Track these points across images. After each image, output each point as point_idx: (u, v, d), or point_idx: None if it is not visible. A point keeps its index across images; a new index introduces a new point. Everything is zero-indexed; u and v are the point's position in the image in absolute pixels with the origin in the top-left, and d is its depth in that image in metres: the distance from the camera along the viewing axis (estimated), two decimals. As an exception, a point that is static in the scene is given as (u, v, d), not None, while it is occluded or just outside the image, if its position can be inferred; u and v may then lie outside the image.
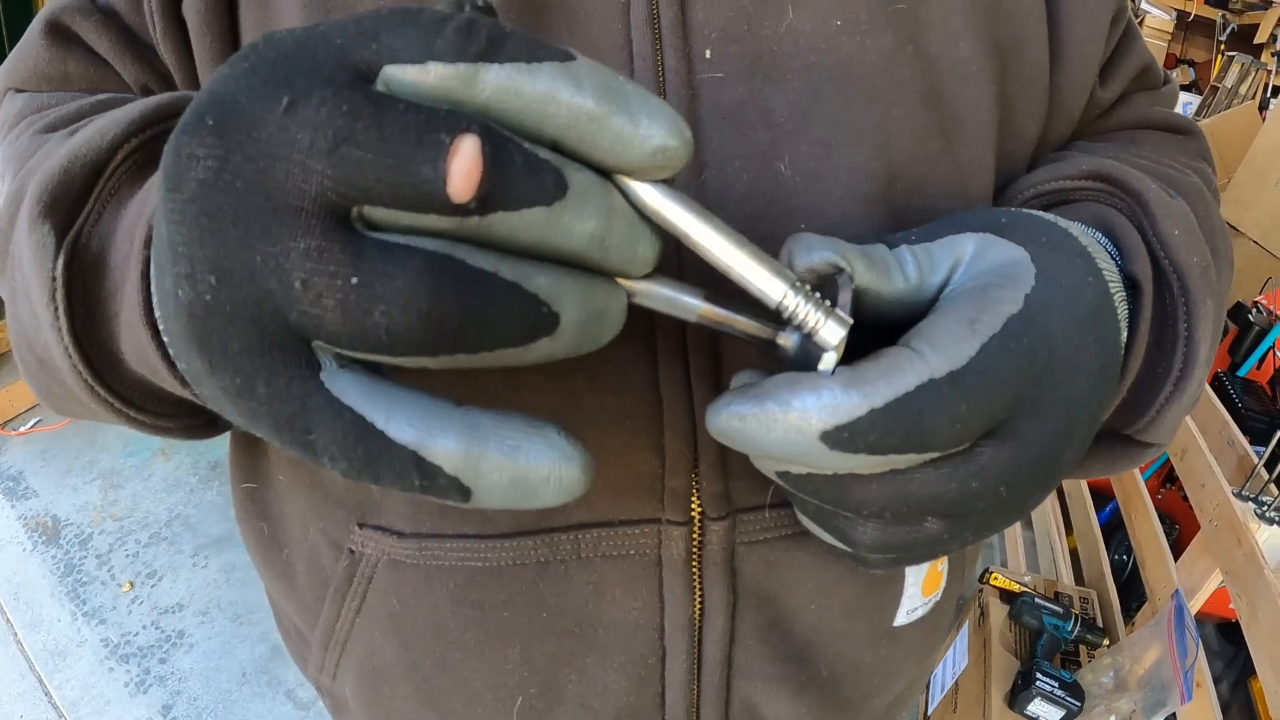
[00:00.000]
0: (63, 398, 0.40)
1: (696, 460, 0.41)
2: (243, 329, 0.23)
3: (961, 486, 0.29)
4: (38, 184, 0.33)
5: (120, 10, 0.46)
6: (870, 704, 0.53)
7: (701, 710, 0.47)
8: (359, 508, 0.45)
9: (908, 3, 0.41)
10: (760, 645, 0.46)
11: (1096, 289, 0.32)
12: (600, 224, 0.24)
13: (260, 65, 0.23)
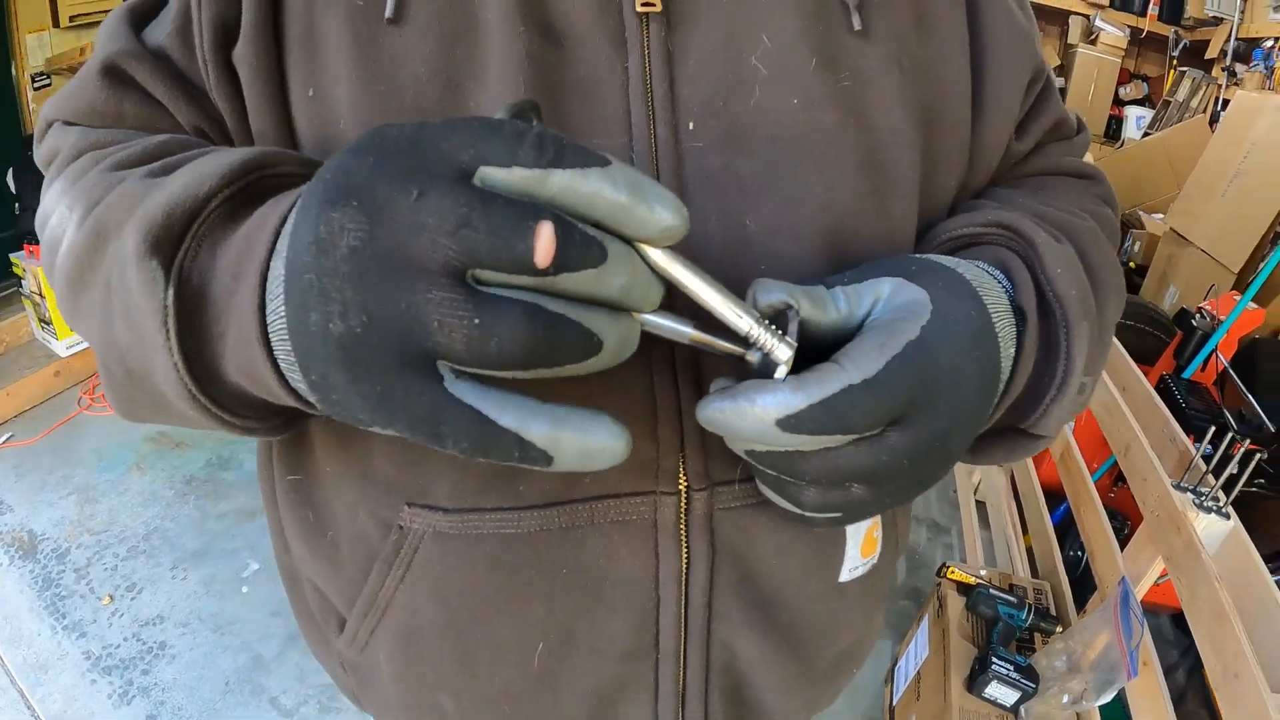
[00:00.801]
0: (144, 403, 0.47)
1: (683, 444, 0.52)
2: (386, 353, 0.32)
3: (873, 459, 0.40)
4: (141, 225, 0.40)
5: (174, 56, 0.52)
6: (823, 652, 0.63)
7: (688, 649, 0.57)
8: (407, 490, 0.53)
9: (852, 80, 0.52)
10: (734, 595, 0.56)
11: (980, 321, 0.44)
12: (628, 279, 0.34)
13: (386, 159, 0.33)
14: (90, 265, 0.45)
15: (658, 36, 0.50)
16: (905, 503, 0.53)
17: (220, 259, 0.40)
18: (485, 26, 0.49)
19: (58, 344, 3.40)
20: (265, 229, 0.38)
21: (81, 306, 0.47)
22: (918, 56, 0.55)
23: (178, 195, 0.40)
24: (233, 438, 2.88)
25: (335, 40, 0.49)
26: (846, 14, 0.52)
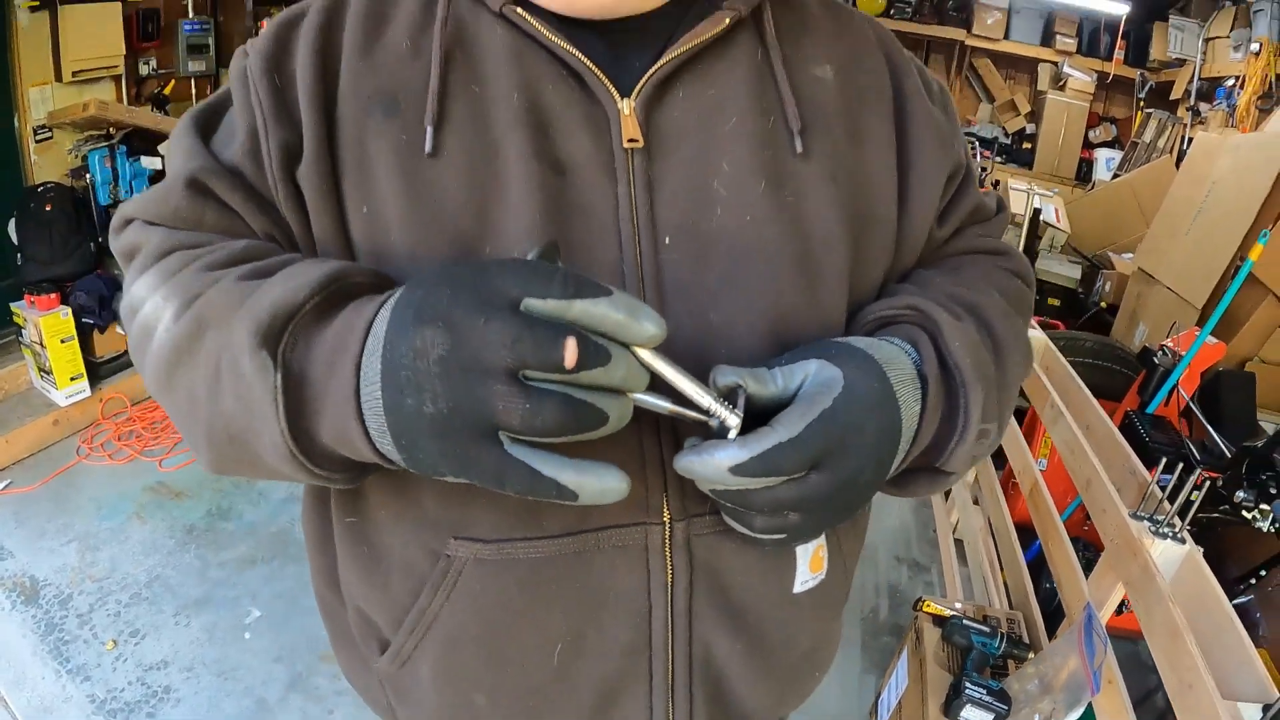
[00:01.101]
0: (239, 461, 0.59)
1: (666, 486, 0.65)
2: (465, 428, 0.47)
3: (800, 494, 0.55)
4: (250, 322, 0.51)
5: (246, 173, 0.63)
6: (785, 652, 0.75)
7: (674, 646, 0.69)
8: (453, 526, 0.65)
9: (794, 197, 0.65)
10: (708, 602, 0.69)
11: (881, 392, 0.57)
12: (624, 372, 0.48)
13: (459, 293, 0.47)
14: (189, 349, 0.56)
15: (641, 167, 0.63)
16: (834, 526, 0.68)
17: (315, 350, 0.52)
18: (505, 161, 0.61)
19: (57, 393, 3.44)
20: (355, 331, 0.51)
21: (176, 381, 0.58)
22: (851, 168, 0.68)
23: (279, 300, 0.52)
24: (232, 490, 3.00)
25: (384, 167, 0.61)
26: (791, 140, 0.66)
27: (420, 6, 0.66)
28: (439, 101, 0.62)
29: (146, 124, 3.97)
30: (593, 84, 0.63)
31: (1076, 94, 7.90)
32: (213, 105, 0.70)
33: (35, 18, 3.74)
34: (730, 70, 0.67)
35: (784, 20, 0.71)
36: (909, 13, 8.29)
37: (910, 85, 0.74)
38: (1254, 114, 5.26)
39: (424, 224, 0.61)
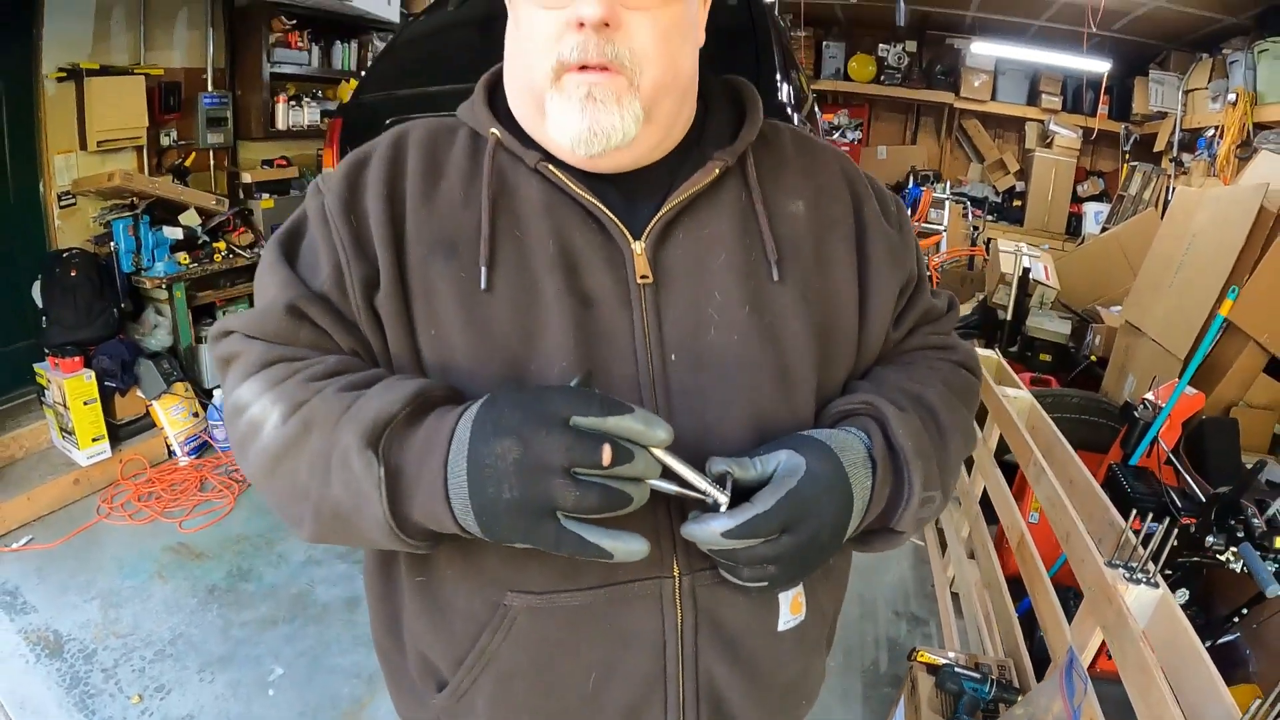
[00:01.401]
0: (338, 532, 0.74)
1: (675, 549, 0.80)
2: (533, 510, 0.63)
3: (774, 551, 0.71)
4: (356, 427, 0.67)
5: (334, 300, 0.79)
6: (773, 680, 0.89)
7: (684, 675, 0.83)
8: (510, 581, 0.80)
9: (772, 318, 0.82)
10: (710, 639, 0.83)
11: (836, 473, 0.74)
12: (643, 466, 0.65)
13: (527, 413, 0.64)
14: (296, 445, 0.72)
15: (650, 299, 0.80)
16: (804, 576, 0.81)
17: (408, 450, 0.69)
18: (544, 297, 0.78)
19: (78, 453, 3.55)
20: (440, 435, 0.68)
21: (280, 469, 0.74)
22: (819, 288, 0.85)
23: (379, 410, 0.69)
24: (251, 553, 3.13)
25: (447, 299, 0.77)
26: (769, 270, 0.83)
27: (467, 159, 0.84)
28: (490, 246, 0.79)
29: (169, 195, 4.12)
30: (611, 229, 0.80)
31: (1063, 150, 8.12)
32: (291, 231, 0.85)
33: (62, 87, 3.92)
34: (720, 212, 0.84)
35: (763, 161, 0.88)
36: (898, 78, 8.58)
37: (869, 211, 0.91)
38: (1234, 162, 5.43)
39: (481, 346, 0.77)
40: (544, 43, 0.75)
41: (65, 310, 3.67)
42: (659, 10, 0.75)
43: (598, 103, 0.74)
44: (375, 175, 0.82)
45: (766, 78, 2.65)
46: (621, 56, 0.74)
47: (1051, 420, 2.39)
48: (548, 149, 0.81)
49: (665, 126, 0.81)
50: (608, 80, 0.74)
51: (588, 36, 0.73)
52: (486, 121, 0.85)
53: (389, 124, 2.82)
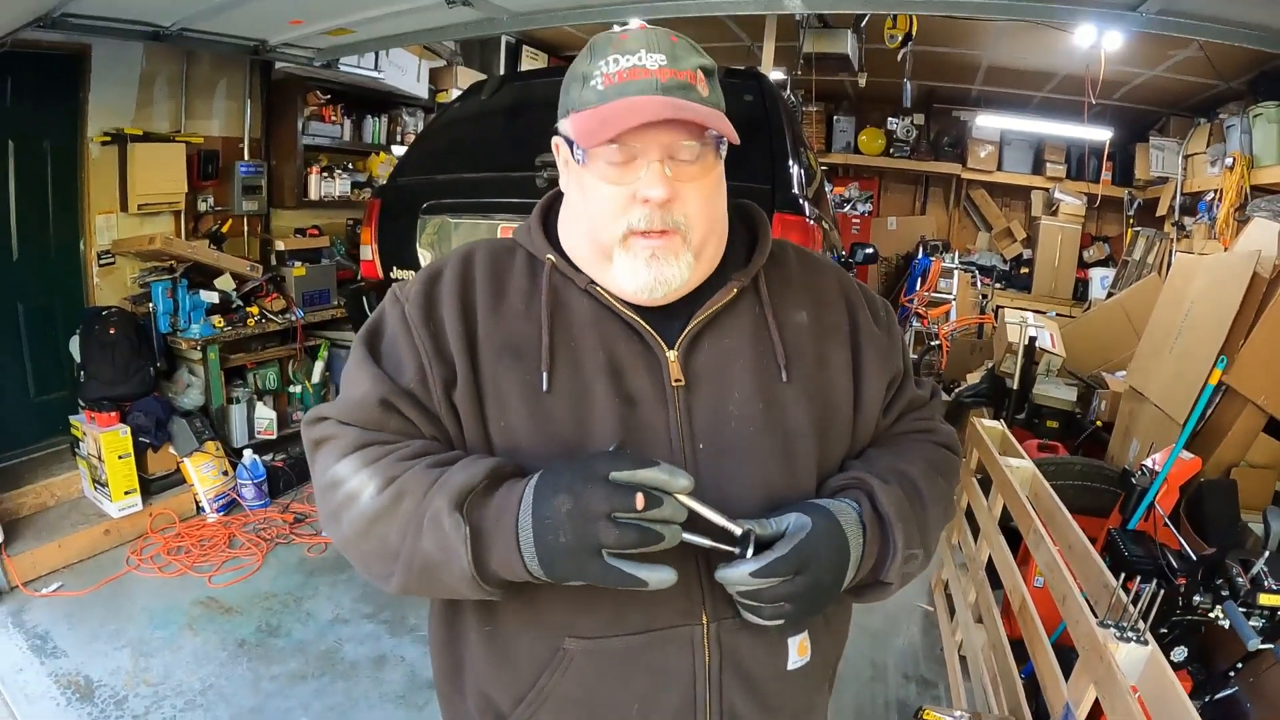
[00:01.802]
0: (423, 583, 0.89)
1: (704, 601, 0.96)
2: (584, 550, 0.81)
3: (790, 589, 0.88)
4: (446, 495, 0.84)
5: (419, 396, 0.96)
6: (782, 712, 1.04)
7: (710, 706, 0.98)
8: (568, 629, 0.96)
9: (780, 412, 0.98)
10: (732, 676, 0.99)
11: (836, 531, 0.91)
12: (672, 509, 0.83)
13: (575, 475, 0.83)
14: (390, 511, 0.88)
15: (682, 398, 0.97)
16: (813, 614, 0.97)
17: (486, 513, 0.86)
18: (594, 397, 0.95)
19: (110, 505, 3.67)
20: (511, 502, 0.85)
21: (374, 531, 0.89)
22: (820, 385, 1.02)
23: (463, 480, 0.86)
24: (280, 610, 3.23)
25: (514, 398, 0.94)
26: (779, 371, 1.00)
27: (526, 278, 1.02)
28: (550, 354, 0.95)
29: (206, 260, 4.32)
30: (649, 340, 0.98)
31: (1069, 217, 8.25)
32: (372, 331, 1.02)
33: (105, 151, 4.14)
34: (738, 324, 1.01)
35: (772, 277, 1.05)
36: (907, 150, 8.78)
37: (862, 318, 1.08)
38: (1233, 225, 5.48)
39: (543, 437, 0.94)
40: (613, 212, 0.93)
41: (103, 366, 3.82)
42: (702, 180, 0.92)
43: (660, 260, 0.93)
44: (448, 289, 0.99)
45: (780, 163, 2.84)
46: (679, 222, 0.93)
47: (1055, 487, 2.49)
48: (602, 283, 0.98)
49: (708, 264, 1.00)
50: (667, 241, 0.93)
51: (653, 211, 0.91)
52: (543, 248, 1.02)
53: (425, 208, 3.05)
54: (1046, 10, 3.27)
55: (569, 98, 0.95)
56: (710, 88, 0.93)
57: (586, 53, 0.95)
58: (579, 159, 0.94)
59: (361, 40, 4.49)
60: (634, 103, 0.88)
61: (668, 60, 0.90)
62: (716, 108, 0.93)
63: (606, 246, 0.95)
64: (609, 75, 0.91)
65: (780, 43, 4.92)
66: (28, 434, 4.02)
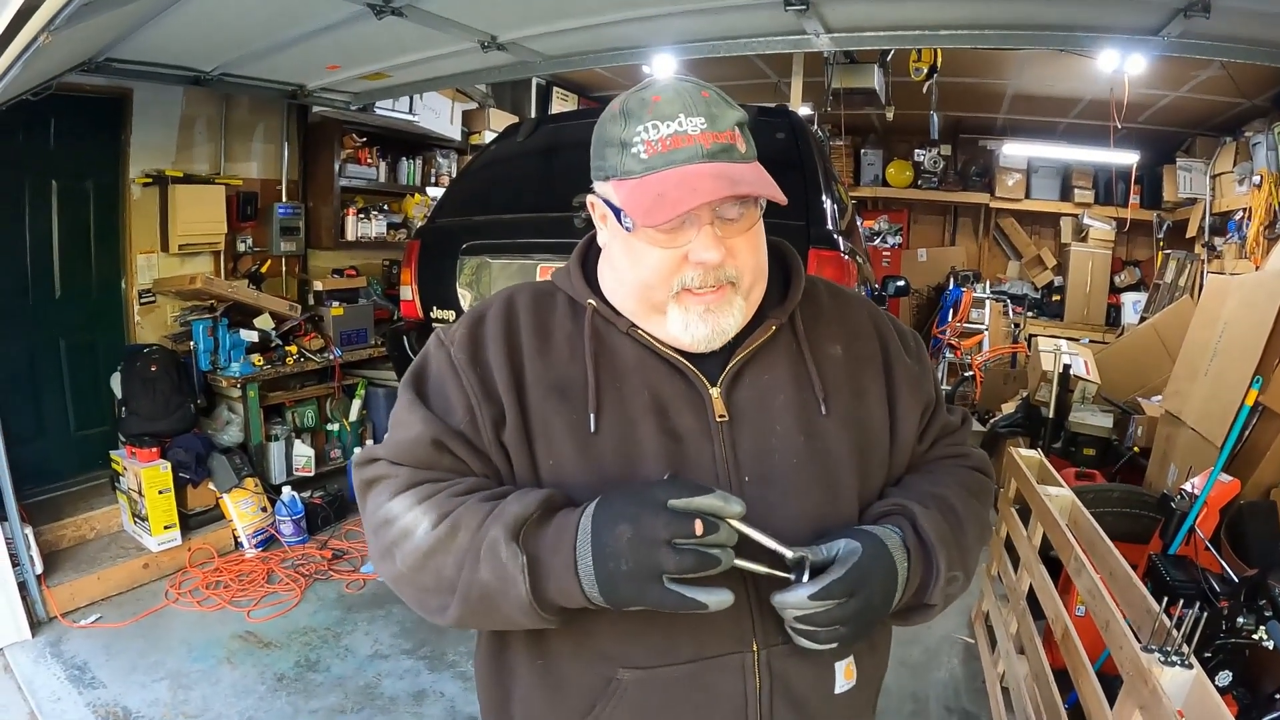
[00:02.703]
0: (480, 615, 0.91)
1: (754, 630, 0.98)
2: (645, 576, 0.83)
3: (844, 611, 0.90)
4: (502, 526, 0.86)
5: (468, 435, 0.98)
6: None
7: None
8: (621, 659, 0.98)
9: (821, 443, 1.01)
10: (782, 700, 1.00)
11: (885, 554, 0.94)
12: (725, 534, 0.85)
13: (634, 503, 0.85)
14: (445, 544, 0.90)
15: (727, 433, 0.99)
16: (865, 636, 0.98)
17: (542, 542, 0.88)
18: (641, 435, 0.97)
19: (150, 539, 3.74)
20: (568, 530, 0.87)
21: (429, 564, 0.91)
22: (857, 417, 1.05)
23: (517, 511, 0.88)
24: (319, 644, 3.24)
25: (562, 438, 0.97)
26: (818, 405, 1.02)
27: (570, 321, 1.04)
28: (596, 396, 0.98)
29: (246, 300, 4.44)
30: (693, 379, 1.00)
31: (1099, 242, 8.19)
32: (418, 374, 1.05)
33: (147, 192, 4.28)
34: (776, 360, 1.04)
35: (806, 313, 1.08)
36: (935, 181, 8.78)
37: (894, 348, 1.11)
38: (1263, 243, 5.45)
39: (592, 476, 0.96)
40: (665, 274, 0.95)
41: (144, 402, 3.91)
42: (749, 232, 0.95)
43: (716, 313, 0.97)
44: (494, 332, 1.03)
45: (813, 199, 2.89)
46: (731, 276, 0.96)
47: (1095, 514, 2.46)
48: (653, 332, 1.00)
49: (754, 305, 1.03)
50: (720, 295, 0.96)
51: (707, 271, 0.94)
52: (584, 292, 1.05)
53: (464, 248, 3.13)
54: (1070, 38, 3.29)
55: (607, 163, 0.95)
56: (746, 141, 0.95)
57: (619, 116, 0.94)
58: (627, 227, 0.94)
59: (397, 84, 4.63)
60: (686, 175, 0.89)
61: (707, 122, 0.91)
62: (754, 159, 0.95)
63: (659, 304, 0.97)
64: (651, 143, 0.91)
65: (808, 78, 5.01)
66: (68, 468, 4.13)
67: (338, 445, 4.94)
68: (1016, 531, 2.96)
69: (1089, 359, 4.97)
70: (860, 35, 3.53)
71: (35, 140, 3.86)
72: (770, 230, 1.05)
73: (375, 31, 3.34)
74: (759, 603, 0.95)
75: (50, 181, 3.96)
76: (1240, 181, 6.04)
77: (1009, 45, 3.69)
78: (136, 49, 3.52)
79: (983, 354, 7.13)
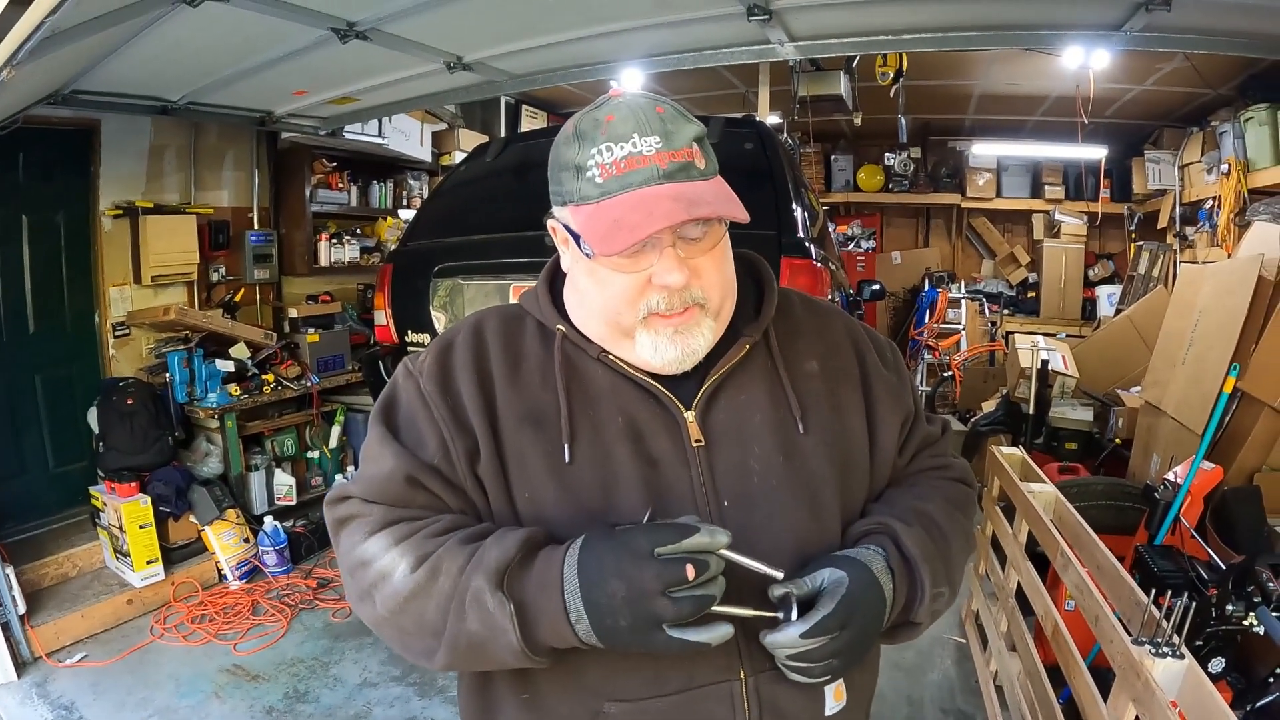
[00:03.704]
0: (469, 659, 0.89)
1: (741, 658, 0.95)
2: (645, 627, 0.82)
3: (838, 645, 0.89)
4: (486, 572, 0.84)
5: (443, 470, 0.95)
6: None
7: None
8: (609, 692, 0.95)
9: (800, 462, 0.99)
10: None
11: (871, 580, 0.92)
12: (716, 566, 0.84)
13: (622, 555, 0.82)
14: (425, 589, 0.88)
15: (704, 457, 0.97)
16: (858, 662, 0.95)
17: (527, 585, 0.86)
18: (617, 463, 0.95)
19: (133, 575, 3.68)
20: (553, 571, 0.85)
21: (409, 608, 0.89)
22: (836, 432, 1.03)
23: (498, 556, 0.86)
24: (307, 675, 3.20)
25: (537, 469, 0.95)
26: (795, 424, 1.00)
27: (540, 346, 1.02)
28: (570, 424, 0.96)
29: (221, 329, 4.39)
30: (667, 403, 0.98)
31: (1071, 238, 8.28)
32: (387, 407, 1.02)
33: (118, 223, 4.23)
34: (751, 379, 1.02)
35: (781, 329, 1.06)
36: (906, 184, 8.85)
37: (870, 360, 1.09)
38: (1234, 231, 5.52)
39: (569, 508, 0.94)
40: (629, 299, 0.93)
41: (122, 436, 3.86)
42: (713, 250, 0.93)
43: (684, 335, 0.95)
44: (463, 360, 1.00)
45: (784, 207, 2.88)
46: (698, 297, 0.94)
47: (1079, 508, 2.48)
48: (622, 356, 0.98)
49: (724, 322, 1.00)
50: (689, 317, 0.94)
51: (672, 294, 0.92)
52: (553, 318, 1.02)
53: (437, 270, 3.11)
54: (1033, 37, 3.34)
55: (563, 189, 0.93)
56: (705, 156, 0.92)
57: (573, 140, 0.92)
58: (588, 253, 0.93)
59: (365, 108, 4.62)
60: (643, 199, 0.87)
61: (662, 141, 0.88)
62: (714, 175, 0.93)
63: (627, 328, 0.95)
64: (605, 166, 0.88)
65: (775, 87, 5.03)
66: (48, 504, 4.07)
67: (319, 473, 4.89)
68: (1002, 529, 2.97)
69: (1067, 353, 5.00)
70: (824, 43, 3.56)
71: (4, 174, 3.82)
72: (741, 241, 1.03)
73: (341, 56, 3.35)
74: (745, 630, 0.93)
75: (20, 216, 3.92)
76: (1209, 171, 6.12)
77: (973, 46, 3.74)
78: (103, 80, 3.51)
79: (961, 354, 7.18)
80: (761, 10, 3.06)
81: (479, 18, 3.21)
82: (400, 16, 3.09)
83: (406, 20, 3.14)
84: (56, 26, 2.05)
